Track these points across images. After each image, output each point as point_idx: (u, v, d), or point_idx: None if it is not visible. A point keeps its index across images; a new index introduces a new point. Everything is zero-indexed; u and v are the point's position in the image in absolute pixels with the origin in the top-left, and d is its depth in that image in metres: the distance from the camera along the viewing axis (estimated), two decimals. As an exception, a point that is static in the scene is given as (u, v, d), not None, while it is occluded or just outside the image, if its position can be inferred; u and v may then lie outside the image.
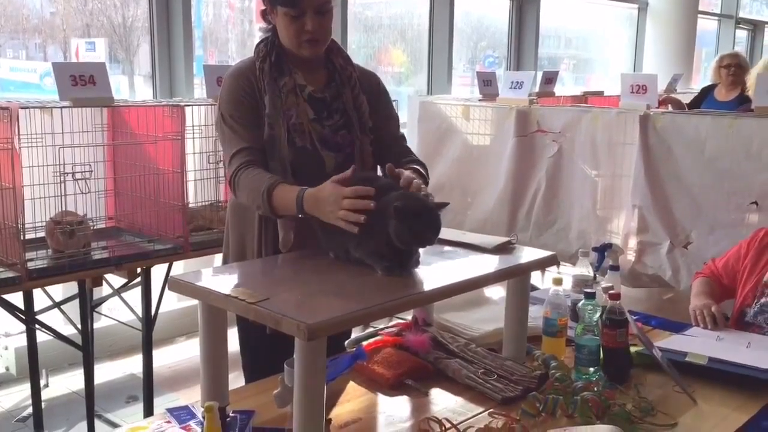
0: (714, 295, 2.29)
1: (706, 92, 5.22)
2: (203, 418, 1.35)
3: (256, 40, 2.00)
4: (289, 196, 1.74)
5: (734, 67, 5.00)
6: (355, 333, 2.08)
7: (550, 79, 4.59)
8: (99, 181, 2.86)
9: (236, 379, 1.91)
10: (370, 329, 2.10)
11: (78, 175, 2.71)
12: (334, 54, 2.00)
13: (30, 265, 2.59)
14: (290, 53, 1.94)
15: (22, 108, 2.57)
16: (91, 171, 2.75)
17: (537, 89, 4.50)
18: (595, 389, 1.63)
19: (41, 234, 2.76)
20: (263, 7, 1.95)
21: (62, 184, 2.68)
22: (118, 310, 3.37)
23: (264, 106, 1.89)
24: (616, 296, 1.80)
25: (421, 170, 1.93)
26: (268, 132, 1.87)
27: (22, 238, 2.54)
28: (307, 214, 1.71)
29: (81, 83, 2.69)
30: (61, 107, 2.70)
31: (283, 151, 1.86)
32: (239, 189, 1.84)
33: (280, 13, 1.88)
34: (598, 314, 1.80)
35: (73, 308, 3.09)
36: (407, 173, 1.73)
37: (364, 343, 1.93)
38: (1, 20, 4.42)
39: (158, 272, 3.02)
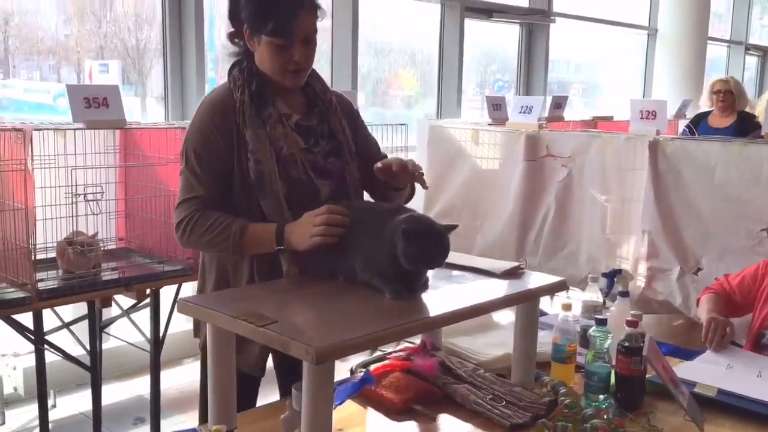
0: (723, 312, 2.28)
1: (700, 119, 5.14)
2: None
3: None
4: (261, 231, 1.75)
5: (725, 93, 4.93)
6: (363, 357, 2.07)
7: (559, 103, 4.61)
8: (110, 202, 2.88)
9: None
10: (378, 353, 2.10)
11: (90, 196, 2.72)
12: (312, 79, 1.96)
13: (40, 285, 2.60)
14: (269, 80, 1.87)
15: (36, 130, 2.59)
16: (103, 192, 2.77)
17: (546, 114, 4.51)
18: (605, 417, 1.62)
19: (51, 254, 2.78)
20: (232, 29, 1.88)
21: (74, 205, 2.69)
22: (126, 331, 3.38)
23: (242, 143, 1.80)
24: (633, 323, 1.78)
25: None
26: (255, 168, 1.79)
27: (33, 258, 2.56)
28: (286, 246, 1.74)
29: (94, 105, 2.72)
30: (75, 129, 2.72)
31: (276, 186, 1.80)
32: (193, 233, 1.78)
33: (264, 42, 1.81)
34: (609, 341, 1.79)
35: (82, 329, 3.10)
36: (396, 159, 1.77)
37: (372, 367, 1.92)
38: (16, 42, 4.48)
39: (167, 293, 3.03)
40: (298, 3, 1.79)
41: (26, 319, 2.82)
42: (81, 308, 3.09)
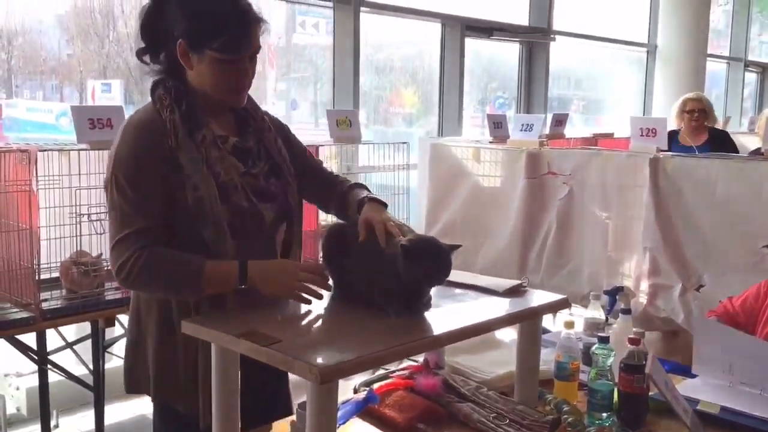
0: None
1: (670, 138, 4.76)
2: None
3: (274, 85, 1.89)
4: (223, 269, 1.61)
5: (698, 112, 4.76)
6: (367, 375, 2.07)
7: (560, 121, 4.63)
8: (113, 221, 2.89)
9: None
10: (381, 371, 2.10)
11: (93, 216, 2.74)
12: None
13: (44, 305, 2.61)
14: (201, 100, 1.71)
15: (40, 150, 2.61)
16: (106, 212, 2.78)
17: (547, 131, 4.54)
18: (608, 435, 1.62)
19: (55, 274, 2.79)
20: (142, 46, 1.71)
21: (77, 225, 2.71)
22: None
23: (176, 167, 1.64)
24: (635, 341, 1.79)
25: (369, 193, 1.85)
26: (193, 196, 1.63)
27: (37, 278, 2.57)
28: (250, 284, 1.62)
29: (99, 126, 2.74)
30: (79, 150, 2.74)
31: (217, 213, 1.64)
32: (142, 275, 1.59)
33: (210, 58, 1.65)
34: (611, 359, 1.79)
35: (85, 348, 3.10)
36: (378, 226, 1.65)
37: (376, 385, 1.93)
38: (19, 62, 4.52)
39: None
40: (252, 17, 1.68)
41: (29, 338, 2.83)
42: (84, 328, 3.10)
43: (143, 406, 3.70)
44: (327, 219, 3.17)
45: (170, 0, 1.67)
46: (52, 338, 3.00)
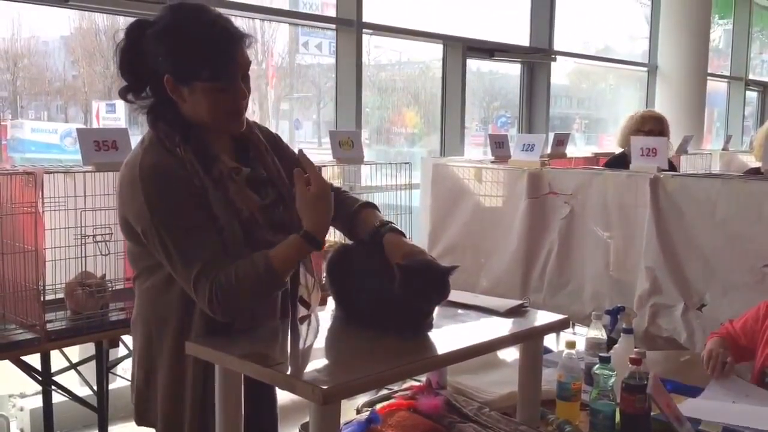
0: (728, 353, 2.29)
1: (619, 163, 3.94)
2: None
3: (277, 104, 1.77)
4: (284, 250, 1.57)
5: (657, 134, 3.90)
6: (369, 396, 2.08)
7: (561, 140, 4.65)
8: (118, 243, 2.91)
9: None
10: (384, 391, 2.11)
11: (98, 238, 2.76)
12: None
13: (49, 326, 2.62)
14: (201, 130, 1.65)
15: (46, 173, 2.64)
16: (111, 233, 2.80)
17: (549, 150, 4.56)
18: (610, 455, 1.62)
19: (60, 295, 2.80)
20: (125, 84, 1.65)
21: (83, 246, 2.73)
22: (133, 371, 3.38)
23: (207, 206, 1.60)
24: (637, 361, 1.80)
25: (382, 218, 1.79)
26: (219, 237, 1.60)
27: (42, 299, 2.58)
28: (319, 239, 1.59)
29: (104, 148, 2.77)
30: (84, 171, 2.77)
31: (240, 257, 1.59)
32: (230, 304, 1.56)
33: (200, 89, 1.59)
34: (613, 379, 1.80)
35: (88, 369, 3.11)
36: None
37: (378, 406, 1.93)
38: (25, 83, 4.56)
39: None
40: (236, 38, 1.61)
41: (34, 359, 2.84)
42: (88, 348, 3.11)
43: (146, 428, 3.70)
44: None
45: (145, 35, 1.61)
46: (57, 359, 3.01)
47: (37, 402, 3.27)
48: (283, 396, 1.96)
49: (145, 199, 1.58)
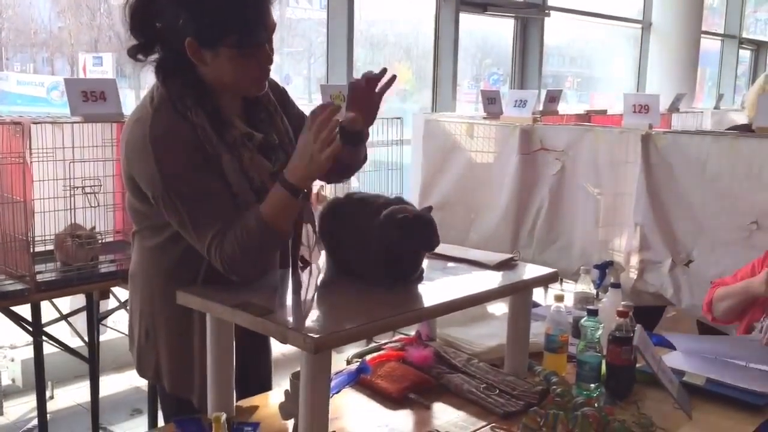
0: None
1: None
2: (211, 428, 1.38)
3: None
4: (272, 202, 1.53)
5: None
6: (359, 347, 2.10)
7: (553, 97, 4.64)
8: (108, 195, 2.90)
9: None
10: (374, 344, 2.13)
11: (87, 189, 2.74)
12: None
13: (39, 277, 2.62)
14: (219, 93, 1.60)
15: (34, 123, 2.61)
16: (101, 185, 2.79)
17: (541, 107, 4.55)
18: (596, 405, 1.65)
19: (49, 247, 2.80)
20: (135, 43, 1.58)
21: (71, 198, 2.71)
22: (123, 323, 3.40)
23: (220, 173, 1.56)
24: (624, 314, 1.82)
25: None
26: (233, 202, 1.58)
27: (31, 250, 2.58)
28: (304, 187, 1.54)
29: (92, 99, 2.74)
30: (72, 122, 2.74)
31: None
32: (240, 264, 1.55)
33: (226, 53, 1.53)
34: (600, 331, 1.82)
35: (80, 320, 3.12)
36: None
37: (368, 357, 1.96)
38: (10, 35, 4.49)
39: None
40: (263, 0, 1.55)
41: (24, 310, 2.85)
42: (79, 300, 3.12)
43: (137, 378, 3.73)
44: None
45: None
46: (47, 310, 3.02)
47: (28, 353, 3.29)
48: (274, 349, 1.99)
49: (157, 167, 1.52)
